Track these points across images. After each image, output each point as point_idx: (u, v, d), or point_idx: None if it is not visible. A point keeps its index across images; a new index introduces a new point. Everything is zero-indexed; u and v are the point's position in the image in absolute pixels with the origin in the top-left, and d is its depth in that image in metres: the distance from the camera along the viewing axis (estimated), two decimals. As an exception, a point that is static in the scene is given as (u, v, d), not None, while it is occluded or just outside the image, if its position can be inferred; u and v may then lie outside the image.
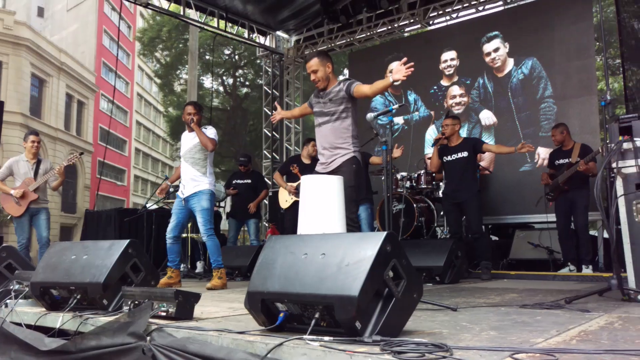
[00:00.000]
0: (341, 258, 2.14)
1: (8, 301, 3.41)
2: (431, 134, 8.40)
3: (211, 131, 5.22)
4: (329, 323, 2.11)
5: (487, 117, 8.06)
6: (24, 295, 3.52)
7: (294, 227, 4.07)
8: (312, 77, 4.09)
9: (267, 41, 10.68)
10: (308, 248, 2.31)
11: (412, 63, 3.60)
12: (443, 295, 4.12)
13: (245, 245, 9.87)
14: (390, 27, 9.52)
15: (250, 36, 10.35)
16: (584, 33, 7.31)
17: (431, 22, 9.39)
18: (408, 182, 6.94)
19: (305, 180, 3.51)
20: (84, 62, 29.03)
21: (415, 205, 6.56)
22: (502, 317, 2.78)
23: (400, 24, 9.42)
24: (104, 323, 2.64)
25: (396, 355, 1.79)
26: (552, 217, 6.25)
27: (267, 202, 10.09)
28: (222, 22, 9.65)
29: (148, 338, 2.38)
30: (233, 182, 7.74)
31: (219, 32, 9.86)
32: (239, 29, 10.28)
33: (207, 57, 20.13)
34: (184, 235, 7.30)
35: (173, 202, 5.56)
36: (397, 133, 8.82)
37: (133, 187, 36.34)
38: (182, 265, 7.16)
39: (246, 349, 2.10)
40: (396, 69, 3.63)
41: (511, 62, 7.92)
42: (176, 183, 5.76)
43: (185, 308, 2.73)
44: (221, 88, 22.30)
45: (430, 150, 7.16)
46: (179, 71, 23.16)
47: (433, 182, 6.95)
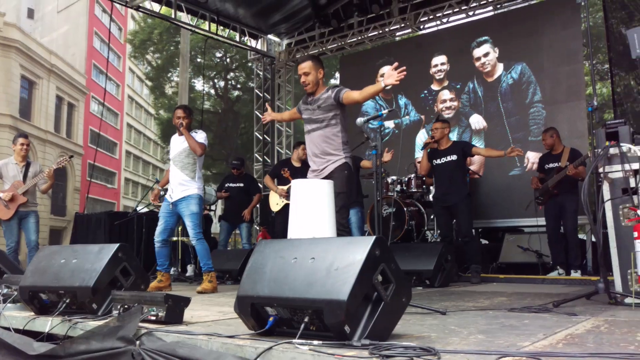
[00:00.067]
0: (330, 262, 2.16)
1: (-4, 305, 3.39)
2: (421, 138, 8.44)
3: (201, 135, 5.20)
4: (319, 327, 2.12)
5: (477, 122, 8.12)
6: (13, 299, 3.50)
7: (285, 231, 4.08)
8: (303, 79, 4.06)
9: (259, 44, 10.69)
10: (298, 252, 2.32)
11: (404, 68, 3.61)
12: (433, 298, 4.14)
13: (236, 248, 9.85)
14: (381, 32, 9.57)
15: (241, 39, 10.36)
16: (573, 39, 7.38)
17: (422, 27, 9.45)
18: (398, 186, 6.96)
19: (295, 184, 3.52)
20: (75, 64, 28.88)
21: (405, 208, 6.58)
22: (490, 321, 2.81)
23: (391, 29, 9.47)
24: (94, 327, 2.63)
25: (385, 358, 1.80)
26: (542, 221, 6.30)
27: (259, 206, 10.06)
28: (214, 25, 9.64)
29: (137, 342, 2.38)
30: (226, 186, 7.72)
31: (210, 35, 9.85)
32: (231, 32, 10.30)
33: (199, 60, 20.09)
34: (175, 238, 7.28)
35: (163, 205, 5.55)
36: (388, 137, 8.86)
37: (123, 190, 36.18)
38: (173, 268, 7.13)
39: (236, 353, 2.11)
40: (387, 74, 3.63)
41: (501, 67, 7.98)
42: (167, 187, 5.74)
43: (175, 312, 2.72)
44: (212, 91, 22.26)
45: (420, 154, 7.20)
46: (170, 74, 23.12)
47: (423, 186, 6.98)
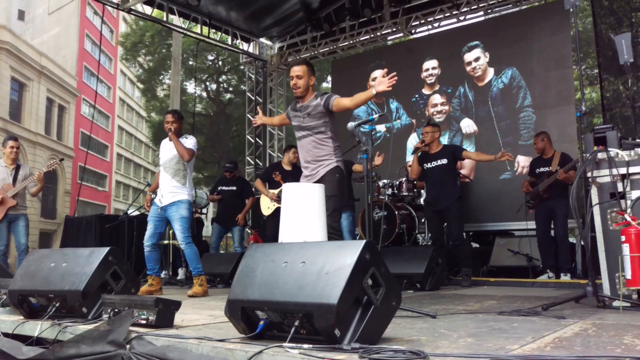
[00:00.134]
0: (321, 266, 2.17)
1: (-15, 309, 3.37)
2: (412, 142, 8.47)
3: (190, 141, 5.18)
4: (309, 331, 2.13)
5: (468, 126, 8.17)
6: (2, 303, 3.49)
7: (276, 234, 4.08)
8: (294, 82, 4.04)
9: (251, 48, 10.70)
10: (288, 256, 2.33)
11: (395, 73, 3.62)
12: (423, 302, 4.16)
13: (227, 252, 9.84)
14: (373, 36, 9.61)
15: (233, 42, 10.36)
16: (563, 44, 7.45)
17: (413, 31, 9.51)
18: (390, 190, 6.99)
19: (286, 188, 3.53)
20: (66, 66, 28.69)
21: (396, 212, 6.61)
22: (480, 324, 2.83)
23: (382, 33, 9.51)
24: (84, 331, 2.63)
25: (374, 362, 1.82)
26: (532, 225, 6.33)
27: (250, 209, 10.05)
28: (206, 28, 9.65)
29: (128, 346, 2.37)
30: (218, 189, 7.69)
31: (202, 39, 9.84)
32: (223, 35, 10.29)
33: (191, 63, 20.04)
34: (166, 242, 7.26)
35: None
36: (379, 141, 8.88)
37: (114, 193, 35.97)
38: (164, 272, 7.11)
39: (226, 357, 2.11)
40: (378, 81, 3.64)
41: (491, 72, 8.04)
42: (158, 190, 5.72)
43: (165, 316, 2.72)
44: (204, 93, 22.21)
45: (411, 158, 7.23)
46: (162, 76, 23.04)
47: (414, 190, 7.02)
